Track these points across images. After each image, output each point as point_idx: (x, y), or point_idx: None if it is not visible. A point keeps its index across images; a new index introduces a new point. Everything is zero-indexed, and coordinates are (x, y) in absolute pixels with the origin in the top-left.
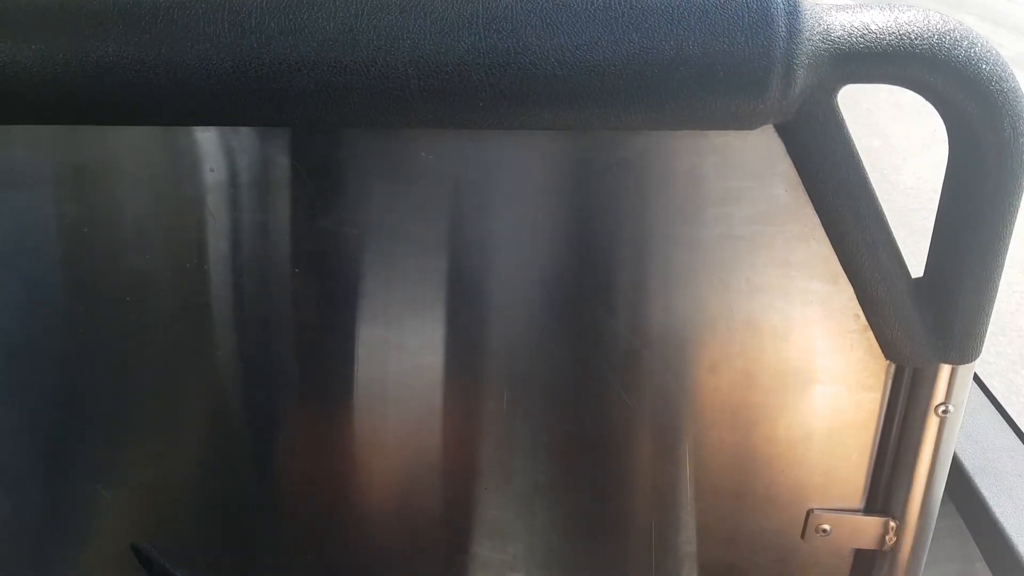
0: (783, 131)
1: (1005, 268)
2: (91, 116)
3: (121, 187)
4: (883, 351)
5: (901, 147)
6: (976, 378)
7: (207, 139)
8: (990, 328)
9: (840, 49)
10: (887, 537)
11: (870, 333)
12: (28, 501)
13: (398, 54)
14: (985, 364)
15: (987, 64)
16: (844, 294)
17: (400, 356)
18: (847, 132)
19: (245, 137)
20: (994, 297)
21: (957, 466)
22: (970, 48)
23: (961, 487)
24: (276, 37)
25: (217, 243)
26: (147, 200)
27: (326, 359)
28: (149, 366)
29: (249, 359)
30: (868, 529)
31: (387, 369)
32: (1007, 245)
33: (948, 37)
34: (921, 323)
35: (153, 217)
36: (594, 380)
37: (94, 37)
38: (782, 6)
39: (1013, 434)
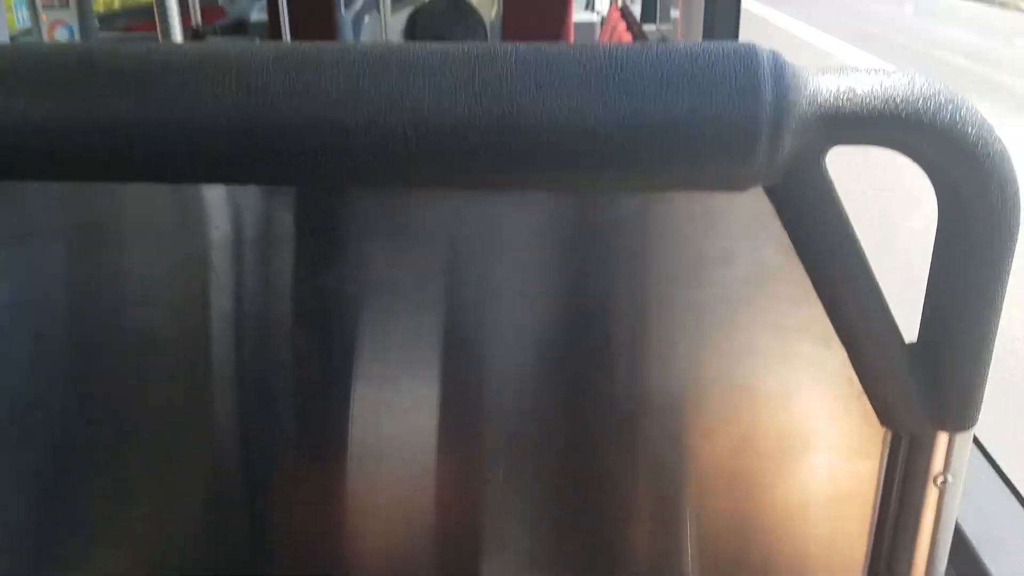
0: (772, 193)
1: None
2: (100, 173)
3: (127, 244)
4: (879, 418)
5: None
6: (976, 441)
7: (213, 197)
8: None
9: (826, 113)
10: None
11: (866, 399)
12: (25, 557)
13: (397, 115)
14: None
15: (973, 127)
16: (838, 358)
17: (394, 416)
18: (836, 195)
19: (250, 196)
20: (989, 361)
21: (960, 536)
22: (955, 111)
23: (965, 558)
24: (281, 98)
25: (219, 300)
26: (152, 257)
27: (321, 418)
28: (148, 422)
29: (246, 417)
30: None
31: (381, 430)
32: (1000, 309)
33: (933, 101)
34: (916, 389)
35: (157, 274)
36: (590, 443)
37: (106, 96)
38: (768, 71)
39: (1016, 501)
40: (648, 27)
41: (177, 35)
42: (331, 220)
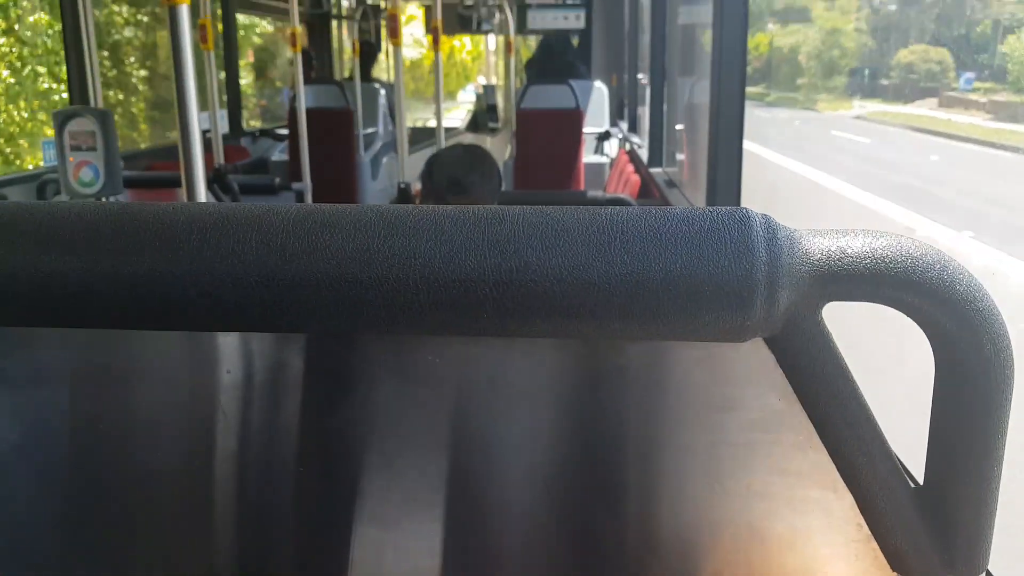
0: (772, 344)
1: None
2: (120, 322)
3: (140, 386)
4: (888, 562)
5: None
6: None
7: (227, 343)
8: None
9: (819, 272)
10: None
11: (874, 543)
12: None
13: (410, 271)
14: None
15: (961, 285)
16: (845, 502)
17: (397, 558)
18: (834, 345)
19: (263, 341)
20: (995, 505)
21: None
22: (943, 270)
23: None
24: (299, 255)
25: (226, 441)
26: (164, 398)
27: (324, 559)
28: (152, 559)
29: (249, 555)
30: None
31: (383, 572)
32: (1002, 455)
33: (922, 261)
34: (925, 533)
35: (167, 414)
36: None
37: (132, 253)
38: (761, 234)
39: None
40: (655, 170)
41: (200, 175)
42: (339, 363)
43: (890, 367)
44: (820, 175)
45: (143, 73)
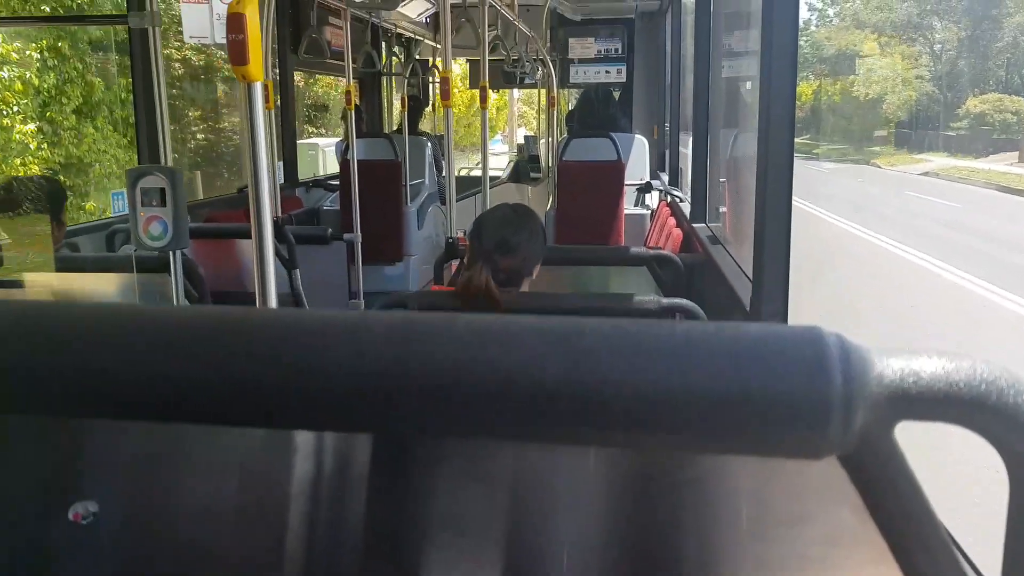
0: (845, 461)
1: None
2: (194, 417)
3: (203, 478)
4: None
5: None
6: None
7: (292, 439)
8: None
9: (894, 392)
10: None
11: None
12: None
13: (496, 380)
14: None
15: None
16: None
17: None
18: (907, 464)
19: (328, 437)
20: None
21: None
22: (1018, 395)
23: None
24: (395, 364)
25: (291, 536)
26: (229, 492)
27: None
28: None
29: None
30: None
31: None
32: None
33: (996, 384)
34: None
35: (232, 509)
36: None
37: (212, 352)
38: (836, 354)
39: None
40: (697, 224)
41: (268, 223)
42: (401, 462)
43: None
44: (905, 250)
45: (200, 135)
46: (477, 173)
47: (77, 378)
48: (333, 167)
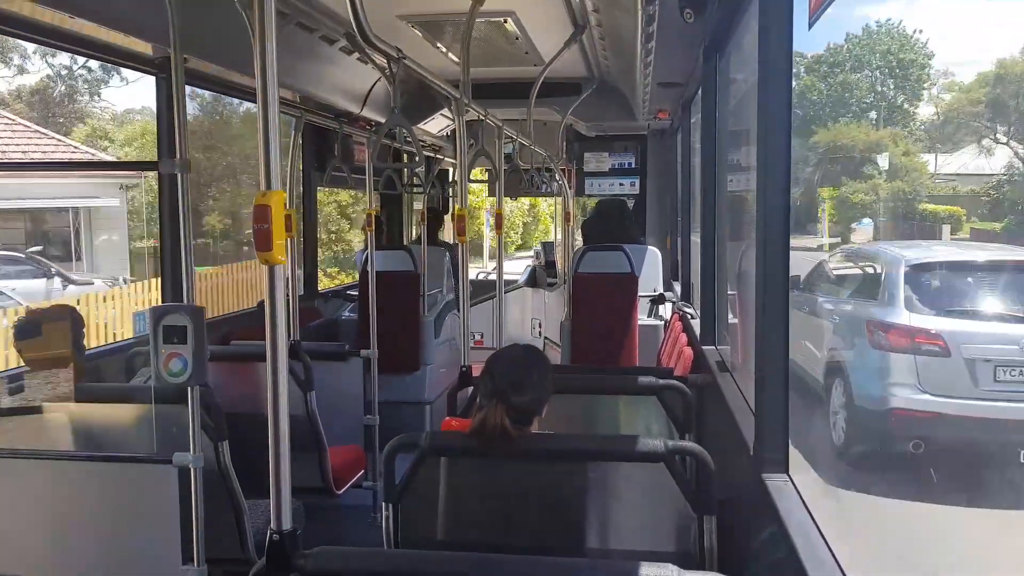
0: None
1: None
2: None
3: None
4: None
5: None
6: None
7: None
8: None
9: None
10: None
11: None
12: None
13: None
14: None
15: None
16: None
17: None
18: None
19: None
20: None
21: None
22: None
23: None
24: None
25: None
26: None
27: None
28: None
29: None
30: None
31: None
32: None
33: None
34: None
35: None
36: None
37: None
38: None
39: None
40: (707, 348)
41: (283, 339)
42: None
43: None
44: None
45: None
46: (495, 276)
47: None
48: None
